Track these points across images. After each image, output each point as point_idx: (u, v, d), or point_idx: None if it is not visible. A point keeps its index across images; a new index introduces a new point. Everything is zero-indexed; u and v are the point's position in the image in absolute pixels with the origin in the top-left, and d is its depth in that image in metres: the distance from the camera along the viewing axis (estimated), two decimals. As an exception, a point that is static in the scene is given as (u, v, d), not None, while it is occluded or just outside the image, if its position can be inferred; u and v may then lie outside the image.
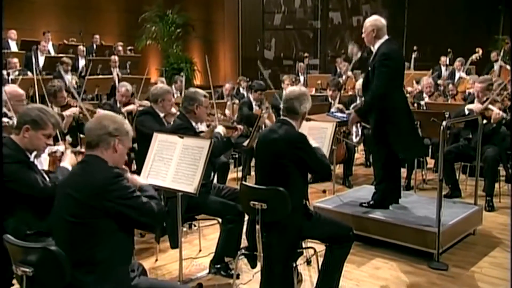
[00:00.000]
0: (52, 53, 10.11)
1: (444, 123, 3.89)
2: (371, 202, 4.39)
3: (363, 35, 4.28)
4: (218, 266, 3.70)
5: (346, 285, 3.46)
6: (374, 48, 4.23)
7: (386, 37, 4.20)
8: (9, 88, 4.42)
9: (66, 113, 4.81)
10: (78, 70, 9.62)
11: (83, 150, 3.26)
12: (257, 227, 2.98)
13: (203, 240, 4.32)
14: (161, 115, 4.67)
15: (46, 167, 3.08)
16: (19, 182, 2.69)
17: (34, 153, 2.91)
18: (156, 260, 3.98)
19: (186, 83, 12.38)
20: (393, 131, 4.16)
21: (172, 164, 3.20)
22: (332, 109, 6.18)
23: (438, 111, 5.47)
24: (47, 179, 2.88)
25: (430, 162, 6.98)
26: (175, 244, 3.64)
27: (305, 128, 4.04)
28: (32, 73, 8.81)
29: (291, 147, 3.01)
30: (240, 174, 6.32)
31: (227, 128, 4.15)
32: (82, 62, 9.81)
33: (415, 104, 6.35)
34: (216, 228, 3.93)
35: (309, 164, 3.06)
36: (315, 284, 3.22)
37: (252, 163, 5.51)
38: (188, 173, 3.11)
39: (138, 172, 4.93)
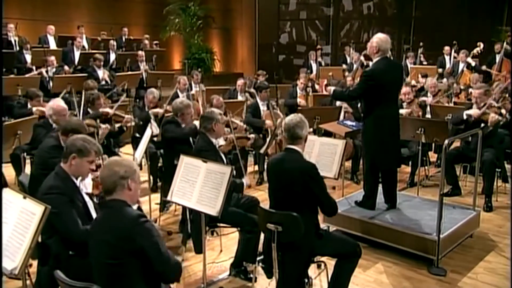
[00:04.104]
0: (86, 47, 10.15)
1: (446, 141, 3.86)
2: (358, 202, 4.59)
3: (368, 44, 4.43)
4: (238, 269, 3.81)
5: (352, 290, 3.53)
6: (372, 61, 4.42)
7: (383, 55, 4.29)
8: (53, 103, 4.50)
9: (103, 125, 4.89)
10: (109, 63, 9.66)
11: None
12: (273, 245, 3.05)
13: (224, 238, 4.41)
14: (183, 125, 4.74)
15: (90, 190, 3.20)
16: (58, 217, 2.75)
17: (80, 178, 3.04)
18: (182, 260, 4.09)
19: (206, 72, 12.42)
20: (368, 141, 4.40)
21: (197, 186, 3.26)
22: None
23: (441, 120, 5.40)
24: (91, 203, 3.00)
25: (433, 156, 6.94)
26: (199, 249, 3.75)
27: (317, 144, 4.09)
28: (69, 67, 8.93)
29: (304, 176, 3.02)
30: (257, 168, 6.41)
31: (240, 138, 4.16)
32: (112, 56, 9.83)
33: (420, 113, 6.23)
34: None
35: (317, 195, 3.06)
36: (324, 292, 3.31)
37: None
38: (211, 196, 3.17)
39: (165, 168, 5.08)
